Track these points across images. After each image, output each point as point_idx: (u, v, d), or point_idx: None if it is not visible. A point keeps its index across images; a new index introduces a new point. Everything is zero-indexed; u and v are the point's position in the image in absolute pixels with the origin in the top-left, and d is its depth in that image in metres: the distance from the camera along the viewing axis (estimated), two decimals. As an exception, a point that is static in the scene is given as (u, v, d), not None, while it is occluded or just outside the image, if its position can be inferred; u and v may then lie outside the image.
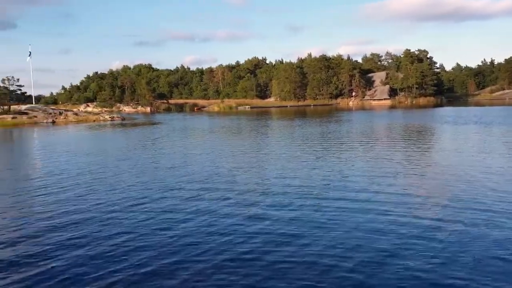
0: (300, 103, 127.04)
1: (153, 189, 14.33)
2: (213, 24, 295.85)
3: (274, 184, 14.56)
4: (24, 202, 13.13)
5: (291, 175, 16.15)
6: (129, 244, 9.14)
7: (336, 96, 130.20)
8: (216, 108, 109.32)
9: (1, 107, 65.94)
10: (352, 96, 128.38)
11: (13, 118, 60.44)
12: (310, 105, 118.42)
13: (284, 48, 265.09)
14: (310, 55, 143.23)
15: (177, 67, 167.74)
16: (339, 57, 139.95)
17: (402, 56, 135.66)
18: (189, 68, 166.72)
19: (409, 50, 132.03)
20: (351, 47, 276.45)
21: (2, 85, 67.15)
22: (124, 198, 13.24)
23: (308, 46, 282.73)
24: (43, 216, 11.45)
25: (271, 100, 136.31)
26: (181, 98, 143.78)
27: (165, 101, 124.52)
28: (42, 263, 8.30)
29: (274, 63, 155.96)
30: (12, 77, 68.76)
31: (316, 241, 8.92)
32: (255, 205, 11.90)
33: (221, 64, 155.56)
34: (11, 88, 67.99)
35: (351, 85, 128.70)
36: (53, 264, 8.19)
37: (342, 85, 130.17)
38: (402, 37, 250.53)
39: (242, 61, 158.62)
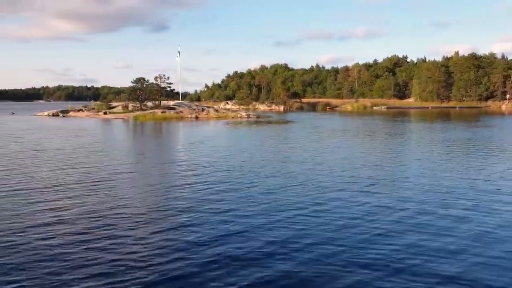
0: (444, 104, 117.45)
1: (306, 188, 14.01)
2: (351, 22, 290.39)
3: (429, 193, 13.29)
4: (184, 193, 13.58)
5: (452, 184, 14.78)
6: (293, 241, 9.00)
7: (486, 99, 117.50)
8: (349, 108, 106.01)
9: (153, 102, 72.88)
10: (506, 99, 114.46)
11: (162, 112, 66.30)
12: (455, 107, 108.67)
13: (427, 46, 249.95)
14: (457, 53, 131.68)
15: (312, 66, 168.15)
16: (492, 55, 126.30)
17: None
18: (323, 67, 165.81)
19: None
20: (507, 44, 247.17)
21: (154, 82, 73.79)
22: (284, 194, 13.11)
23: (455, 44, 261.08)
24: (199, 205, 11.75)
25: (410, 100, 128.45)
26: (314, 97, 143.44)
27: (298, 100, 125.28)
28: (207, 248, 8.49)
29: (415, 61, 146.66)
30: (164, 75, 75.23)
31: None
32: (428, 214, 10.89)
33: (358, 63, 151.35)
34: (162, 85, 74.17)
35: (505, 87, 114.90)
36: (219, 251, 8.33)
37: (494, 86, 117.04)
38: None
39: (380, 60, 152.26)
